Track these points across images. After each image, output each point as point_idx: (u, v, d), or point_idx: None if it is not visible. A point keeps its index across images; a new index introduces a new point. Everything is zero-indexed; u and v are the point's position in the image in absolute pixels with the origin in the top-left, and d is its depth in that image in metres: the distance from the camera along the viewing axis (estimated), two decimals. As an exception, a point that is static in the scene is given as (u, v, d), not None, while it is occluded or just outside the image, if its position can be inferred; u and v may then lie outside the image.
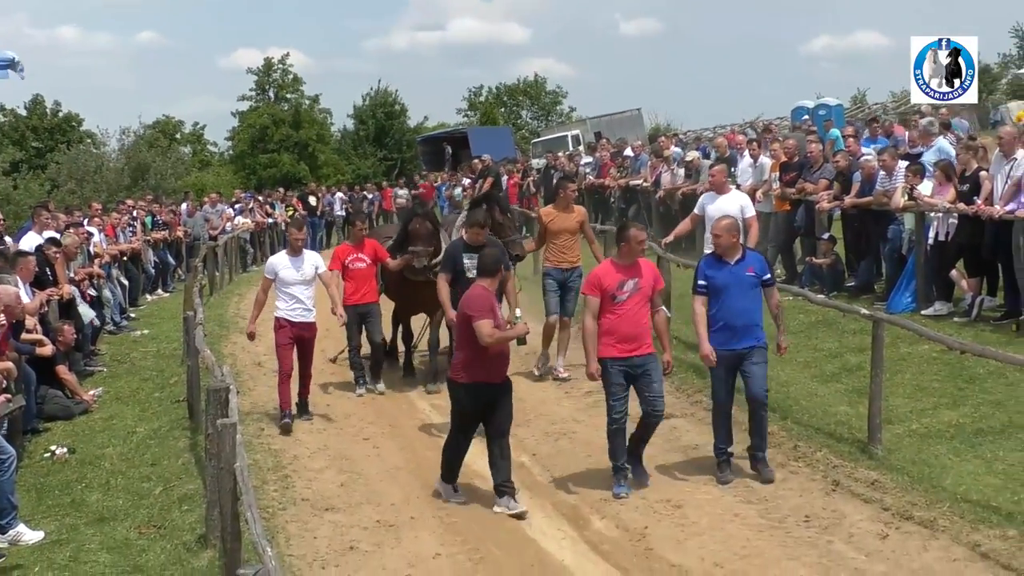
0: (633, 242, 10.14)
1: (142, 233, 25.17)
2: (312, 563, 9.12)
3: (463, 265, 12.06)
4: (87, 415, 14.19)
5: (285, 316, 12.99)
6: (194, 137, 68.02)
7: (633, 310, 10.05)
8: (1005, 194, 14.17)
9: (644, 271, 10.22)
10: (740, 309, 10.16)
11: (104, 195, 38.99)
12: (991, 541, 8.70)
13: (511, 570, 8.92)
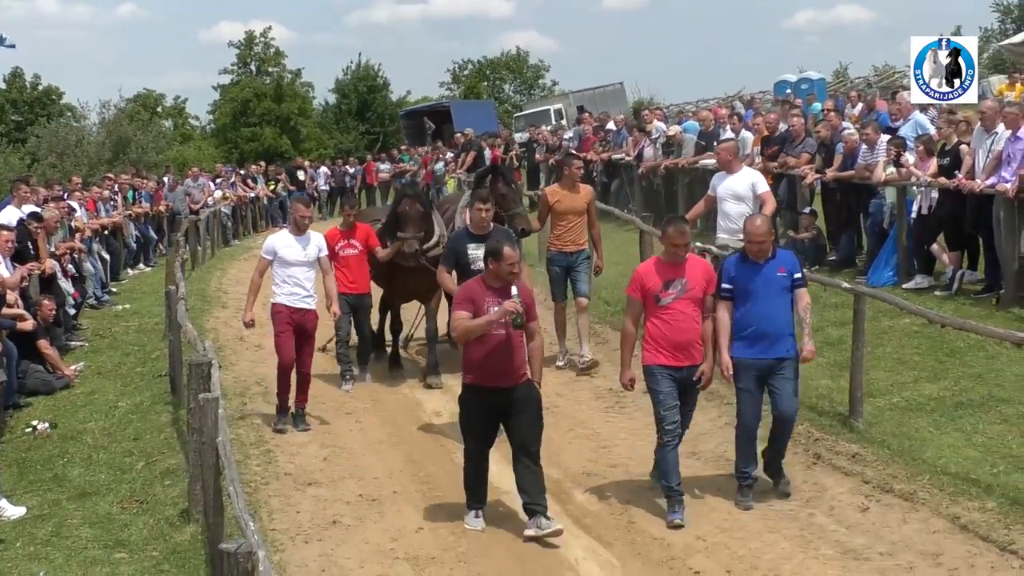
0: (669, 241, 9.04)
1: (123, 207, 25.11)
2: (295, 537, 9.14)
3: (467, 257, 10.64)
4: (69, 390, 14.22)
5: (283, 302, 11.83)
6: (175, 111, 67.76)
7: (681, 315, 8.90)
8: (986, 168, 14.23)
9: (693, 271, 9.02)
10: (771, 314, 9.03)
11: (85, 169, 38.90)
12: (970, 513, 8.75)
13: (494, 542, 8.95)
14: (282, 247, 11.91)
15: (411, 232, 12.77)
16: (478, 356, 8.77)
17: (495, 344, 8.63)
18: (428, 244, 13.04)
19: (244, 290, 21.33)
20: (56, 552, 9.26)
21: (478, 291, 8.68)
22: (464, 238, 10.91)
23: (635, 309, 9.18)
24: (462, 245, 10.81)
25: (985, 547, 8.23)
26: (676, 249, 9.02)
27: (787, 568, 8.08)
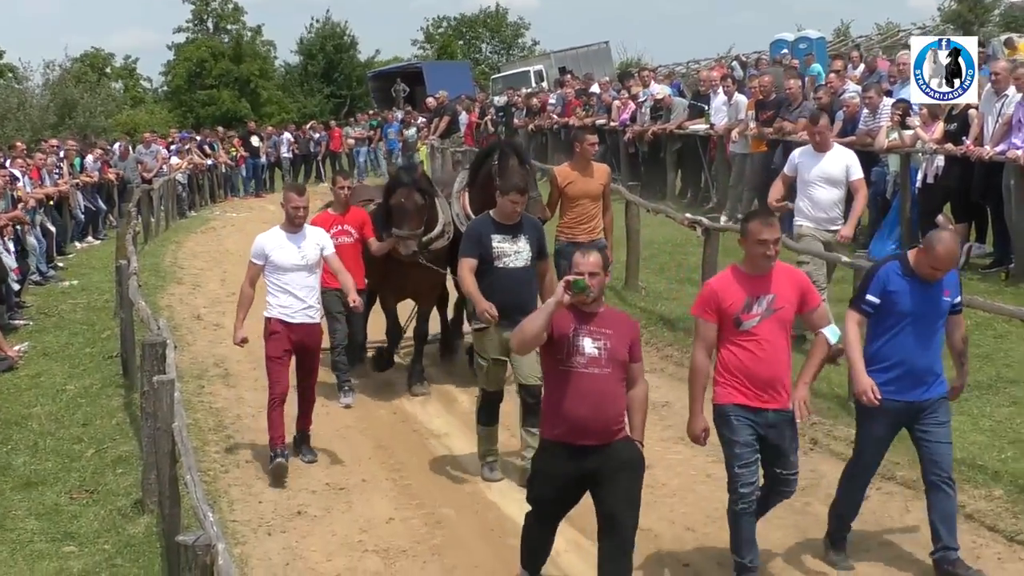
0: (752, 241, 7.20)
1: (70, 176, 24.96)
2: (257, 529, 9.14)
3: (492, 250, 9.14)
4: (12, 372, 14.19)
5: (278, 316, 10.14)
6: (126, 72, 67.52)
7: (767, 342, 7.06)
8: (995, 134, 14.27)
9: (782, 283, 7.21)
10: (925, 345, 7.33)
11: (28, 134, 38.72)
12: (976, 502, 8.81)
13: (469, 533, 9.00)
14: (273, 248, 10.11)
15: (408, 230, 11.16)
16: (559, 401, 6.81)
17: (584, 387, 6.67)
18: (431, 235, 11.67)
19: (201, 264, 21.55)
20: (2, 548, 9.22)
21: (560, 317, 6.77)
22: (490, 226, 9.31)
23: (708, 335, 7.29)
24: (488, 233, 9.22)
25: (991, 537, 8.30)
26: (763, 249, 7.15)
27: (780, 559, 8.12)
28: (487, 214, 9.66)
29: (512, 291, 9.11)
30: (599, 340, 6.59)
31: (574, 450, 6.59)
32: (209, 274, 20.57)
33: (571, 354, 6.57)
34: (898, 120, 15.67)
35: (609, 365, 6.62)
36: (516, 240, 9.20)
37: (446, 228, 11.77)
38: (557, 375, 6.76)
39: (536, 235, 9.50)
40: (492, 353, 9.24)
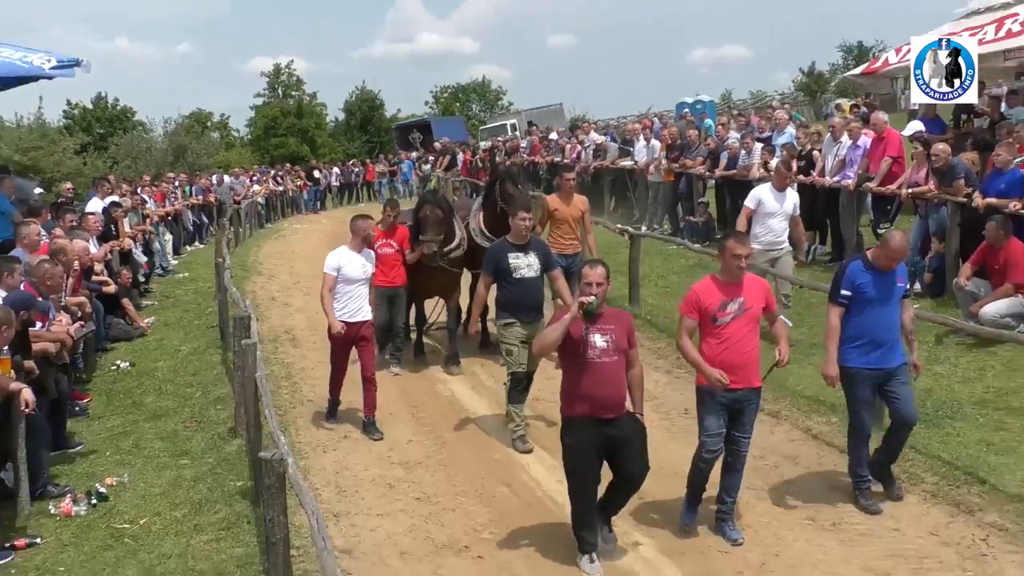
0: (728, 255, 6.76)
1: (183, 199, 25.16)
2: (315, 448, 9.24)
3: (509, 265, 8.73)
4: (143, 338, 14.14)
5: (345, 319, 9.40)
6: (221, 125, 66.85)
7: (738, 335, 6.71)
8: (833, 169, 14.43)
9: (751, 290, 6.81)
10: (888, 323, 7.09)
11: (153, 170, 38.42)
12: (819, 426, 8.94)
13: (465, 452, 9.04)
14: (346, 264, 9.44)
15: (431, 235, 10.84)
16: (577, 385, 6.49)
17: (595, 372, 6.38)
18: (450, 246, 11.24)
19: (274, 261, 21.47)
20: (136, 459, 9.30)
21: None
22: (505, 247, 8.90)
23: (688, 328, 6.88)
24: (503, 253, 8.83)
25: (829, 450, 8.41)
26: (737, 262, 6.73)
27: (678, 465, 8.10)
28: (504, 239, 9.13)
29: (527, 295, 8.85)
30: (606, 335, 6.32)
31: (597, 422, 6.27)
32: (280, 268, 20.54)
33: (586, 349, 6.29)
34: (767, 159, 15.74)
35: (616, 354, 6.37)
36: (527, 255, 8.81)
37: (461, 241, 11.34)
38: (577, 366, 6.37)
39: (543, 251, 9.10)
40: (515, 340, 8.76)
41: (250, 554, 7.03)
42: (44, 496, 8.33)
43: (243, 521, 7.61)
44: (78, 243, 12.59)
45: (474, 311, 9.29)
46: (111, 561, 7.23)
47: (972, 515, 7.03)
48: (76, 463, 9.27)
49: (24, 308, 8.58)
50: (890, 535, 6.88)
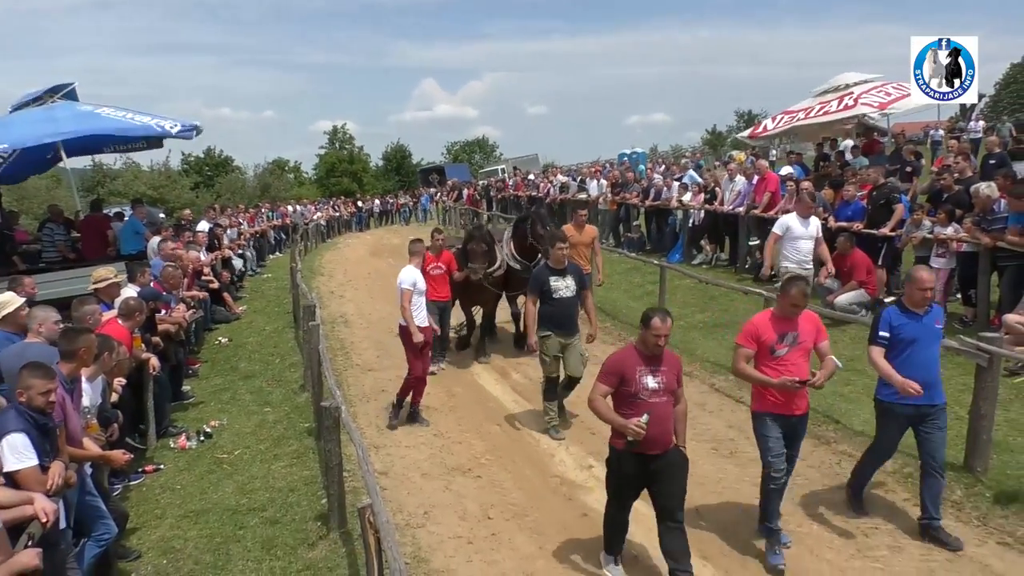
0: (790, 301, 5.47)
1: (267, 221, 24.97)
2: (361, 398, 9.13)
3: (550, 287, 7.63)
4: (238, 320, 13.99)
5: (420, 323, 8.17)
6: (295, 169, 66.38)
7: (793, 366, 5.46)
8: (730, 200, 14.32)
9: (804, 324, 5.56)
10: (926, 363, 5.58)
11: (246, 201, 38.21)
12: (720, 383, 8.87)
13: (469, 400, 8.93)
14: (419, 279, 8.25)
15: (478, 265, 9.82)
16: None
17: (651, 411, 5.01)
18: (493, 268, 10.22)
19: (333, 266, 21.28)
20: (233, 408, 9.19)
21: (630, 361, 5.09)
22: (547, 272, 7.72)
23: (746, 356, 5.60)
24: (545, 277, 7.67)
25: (728, 400, 8.37)
26: (796, 309, 5.49)
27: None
28: (545, 264, 7.91)
29: (564, 313, 7.60)
30: (658, 376, 5.03)
31: (644, 458, 5.00)
32: (337, 271, 20.38)
33: (640, 389, 5.01)
34: (681, 193, 15.70)
35: (666, 394, 5.06)
36: (565, 278, 7.62)
37: (501, 264, 10.35)
38: (628, 403, 5.03)
39: (578, 274, 7.82)
40: (552, 352, 7.62)
41: (314, 475, 6.95)
42: (166, 435, 8.27)
43: (309, 452, 7.52)
44: (192, 253, 12.50)
45: (529, 326, 7.75)
46: (214, 481, 7.14)
47: (829, 445, 7.00)
48: (189, 411, 9.17)
49: (152, 300, 8.58)
50: (771, 460, 6.80)
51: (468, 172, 50.97)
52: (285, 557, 5.69)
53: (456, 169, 49.27)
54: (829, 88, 17.16)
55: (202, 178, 52.96)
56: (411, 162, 66.61)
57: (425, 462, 7.21)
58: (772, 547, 5.44)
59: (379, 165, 67.32)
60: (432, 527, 5.99)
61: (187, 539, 6.10)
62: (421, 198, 38.49)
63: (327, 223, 31.54)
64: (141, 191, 35.84)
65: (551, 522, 5.99)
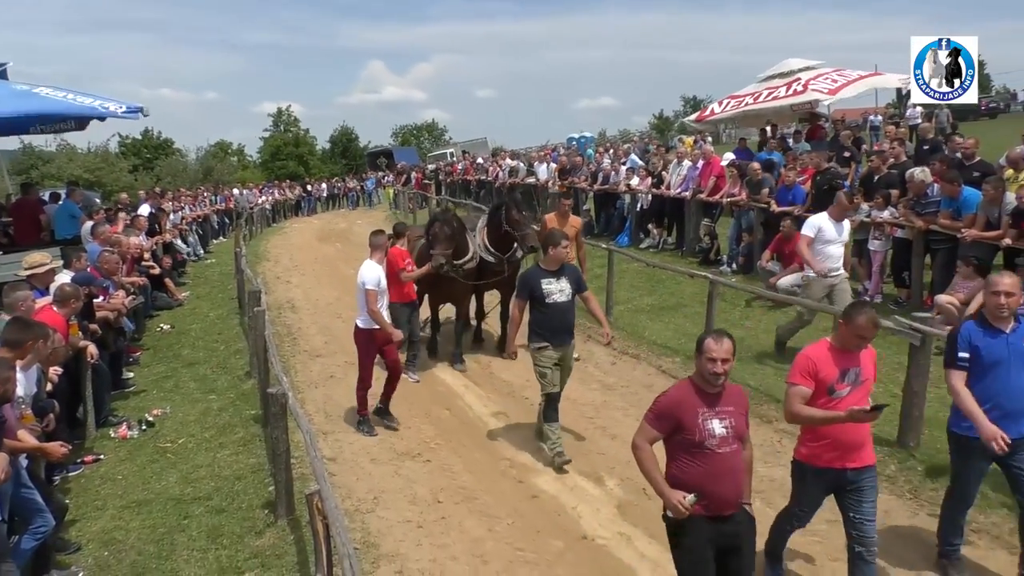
0: (858, 332, 4.39)
1: (210, 206, 24.40)
2: (309, 385, 9.04)
3: (542, 291, 6.62)
4: (181, 307, 13.69)
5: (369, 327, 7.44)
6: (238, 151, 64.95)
7: None
8: (676, 184, 14.48)
9: (865, 358, 4.49)
10: (1017, 389, 4.60)
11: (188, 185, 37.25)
12: (668, 364, 9.00)
13: (419, 385, 8.85)
14: (382, 277, 7.44)
15: (440, 249, 8.69)
16: (697, 481, 3.96)
17: (720, 466, 3.94)
18: (464, 259, 9.16)
19: (278, 251, 20.98)
20: (175, 396, 9.02)
21: (688, 402, 3.99)
22: (538, 273, 6.76)
23: (802, 397, 4.42)
24: (536, 280, 6.70)
25: (674, 381, 8.45)
26: (862, 342, 4.44)
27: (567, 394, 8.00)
28: (536, 264, 7.09)
29: (559, 319, 6.64)
30: (725, 420, 3.97)
31: (715, 521, 3.97)
32: (283, 256, 20.08)
33: (704, 437, 3.92)
34: (628, 177, 15.83)
35: (735, 442, 4.01)
36: (559, 281, 6.63)
37: (474, 255, 9.28)
38: (690, 455, 3.96)
39: (575, 276, 6.83)
40: (551, 363, 6.65)
41: (261, 463, 6.87)
42: (106, 424, 8.08)
43: (256, 439, 7.43)
44: (132, 238, 12.18)
45: (510, 332, 7.07)
46: (157, 471, 7.01)
47: (771, 424, 7.17)
48: (130, 399, 8.96)
49: (89, 285, 8.36)
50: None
51: (416, 156, 50.56)
52: (232, 546, 5.63)
53: (404, 153, 48.80)
54: (774, 74, 17.45)
55: (141, 161, 51.42)
56: (358, 145, 65.71)
57: (374, 447, 7.18)
58: None
59: (325, 148, 66.29)
60: (382, 512, 5.99)
61: (129, 530, 5.99)
62: (366, 181, 37.98)
63: (272, 207, 31.02)
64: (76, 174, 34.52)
65: (501, 505, 6.03)
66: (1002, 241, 8.46)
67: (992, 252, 8.73)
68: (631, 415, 7.55)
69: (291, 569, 5.24)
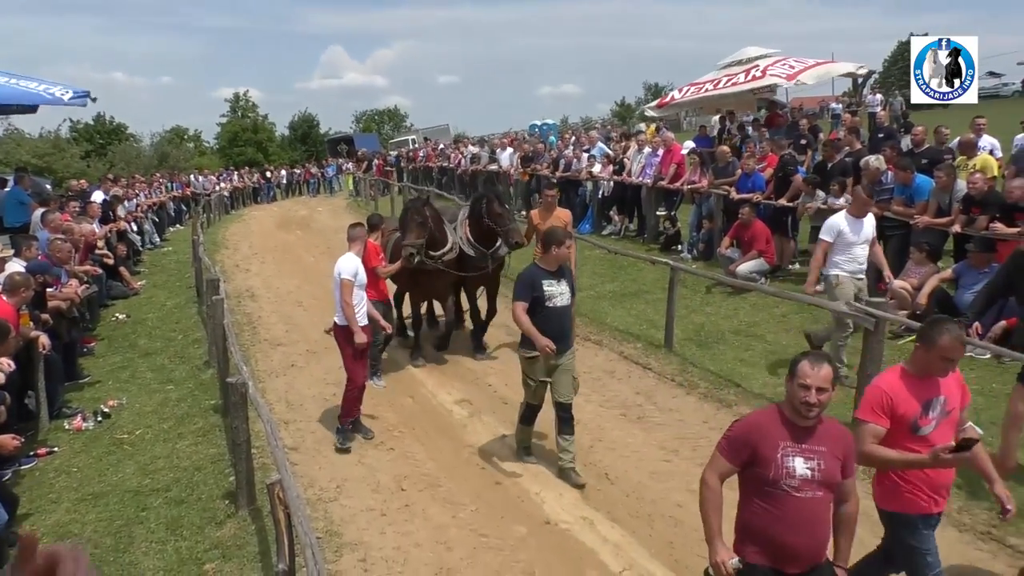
0: (943, 354, 3.62)
1: (166, 192, 23.87)
2: (270, 374, 8.92)
3: (544, 292, 5.94)
4: (137, 296, 13.40)
5: (361, 324, 6.88)
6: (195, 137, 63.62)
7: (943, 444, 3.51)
8: (637, 171, 14.56)
9: (949, 384, 3.71)
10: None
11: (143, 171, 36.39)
12: (628, 350, 9.05)
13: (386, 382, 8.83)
14: (361, 271, 6.91)
15: (411, 239, 8.11)
16: (766, 525, 3.36)
17: (795, 512, 3.31)
18: (442, 251, 8.52)
19: (237, 239, 20.68)
20: (132, 386, 8.83)
21: (771, 431, 3.38)
22: (539, 273, 6.03)
23: (876, 436, 3.69)
24: (538, 280, 5.98)
25: (636, 367, 8.53)
26: (948, 365, 3.68)
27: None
28: (534, 264, 6.19)
29: (558, 324, 5.96)
30: (812, 460, 3.31)
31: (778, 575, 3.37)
32: (242, 244, 19.78)
33: (780, 476, 3.30)
34: (590, 164, 15.86)
35: (822, 488, 3.32)
36: (560, 283, 6.01)
37: (453, 246, 8.66)
38: (763, 495, 3.35)
39: (570, 278, 6.17)
40: (539, 376, 6.05)
41: (221, 453, 6.79)
42: (60, 416, 7.89)
43: (215, 429, 7.33)
44: (84, 225, 11.89)
45: (533, 331, 5.84)
46: (113, 462, 6.88)
47: (731, 408, 7.26)
48: (85, 390, 8.76)
49: (40, 274, 8.14)
50: (677, 424, 7.01)
51: (378, 142, 50.11)
52: (192, 537, 5.55)
53: (365, 139, 48.28)
54: (733, 61, 17.63)
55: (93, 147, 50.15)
56: (319, 132, 64.87)
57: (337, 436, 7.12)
58: None
59: (285, 135, 65.32)
60: (344, 501, 5.95)
61: (85, 523, 5.87)
62: (327, 168, 37.45)
63: (231, 194, 30.49)
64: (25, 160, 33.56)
65: (464, 491, 6.04)
66: (952, 227, 8.67)
67: (943, 238, 8.95)
68: (592, 401, 7.61)
69: (253, 559, 5.19)
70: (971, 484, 5.45)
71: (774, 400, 6.60)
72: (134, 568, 5.25)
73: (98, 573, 5.21)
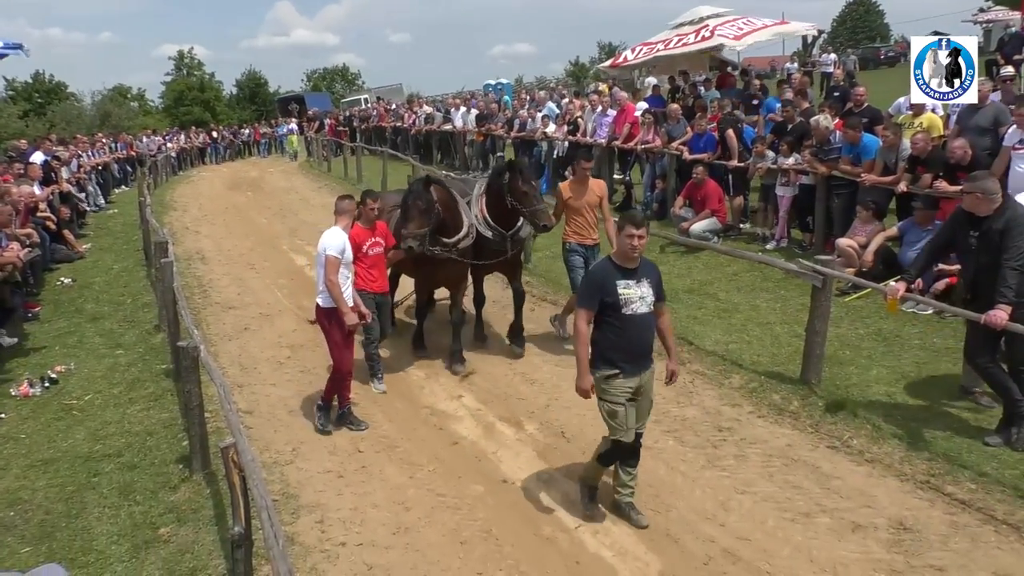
0: None
1: (110, 153, 23.03)
2: (222, 338, 8.78)
3: (618, 297, 4.60)
4: (82, 260, 12.99)
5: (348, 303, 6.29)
6: (139, 97, 61.39)
7: None
8: (591, 131, 14.51)
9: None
10: None
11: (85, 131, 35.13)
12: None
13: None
14: (348, 248, 6.33)
15: (412, 228, 6.81)
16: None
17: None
18: (456, 237, 7.26)
19: (186, 200, 20.20)
20: (80, 351, 8.63)
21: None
22: (611, 271, 4.68)
23: None
24: (611, 280, 4.64)
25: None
26: None
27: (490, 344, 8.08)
28: (607, 258, 4.82)
29: (639, 336, 4.70)
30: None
31: None
32: (191, 205, 19.30)
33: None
34: (545, 125, 15.76)
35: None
36: (640, 284, 4.68)
37: (470, 230, 7.40)
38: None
39: (656, 277, 4.83)
40: (621, 397, 4.72)
41: (173, 418, 6.68)
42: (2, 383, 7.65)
43: (167, 394, 7.20)
44: (24, 187, 11.48)
45: (582, 357, 4.70)
46: (63, 428, 6.73)
47: (684, 366, 7.31)
48: (31, 356, 8.53)
49: (-23, 238, 7.82)
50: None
51: (329, 102, 49.08)
52: (145, 502, 5.47)
53: (317, 98, 47.23)
54: (685, 21, 17.59)
55: (32, 106, 48.18)
56: (268, 91, 63.21)
57: (292, 399, 7.06)
58: None
59: (232, 93, 63.49)
60: (301, 463, 5.91)
61: (35, 489, 5.74)
62: (277, 128, 36.39)
63: (178, 155, 29.63)
64: (-41, 119, 32.27)
65: (422, 452, 6.05)
66: (898, 186, 8.83)
67: (888, 197, 9.11)
68: (549, 361, 7.63)
69: (208, 522, 5.14)
70: (912, 436, 5.63)
71: (726, 358, 6.72)
72: (87, 533, 5.17)
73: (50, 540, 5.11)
